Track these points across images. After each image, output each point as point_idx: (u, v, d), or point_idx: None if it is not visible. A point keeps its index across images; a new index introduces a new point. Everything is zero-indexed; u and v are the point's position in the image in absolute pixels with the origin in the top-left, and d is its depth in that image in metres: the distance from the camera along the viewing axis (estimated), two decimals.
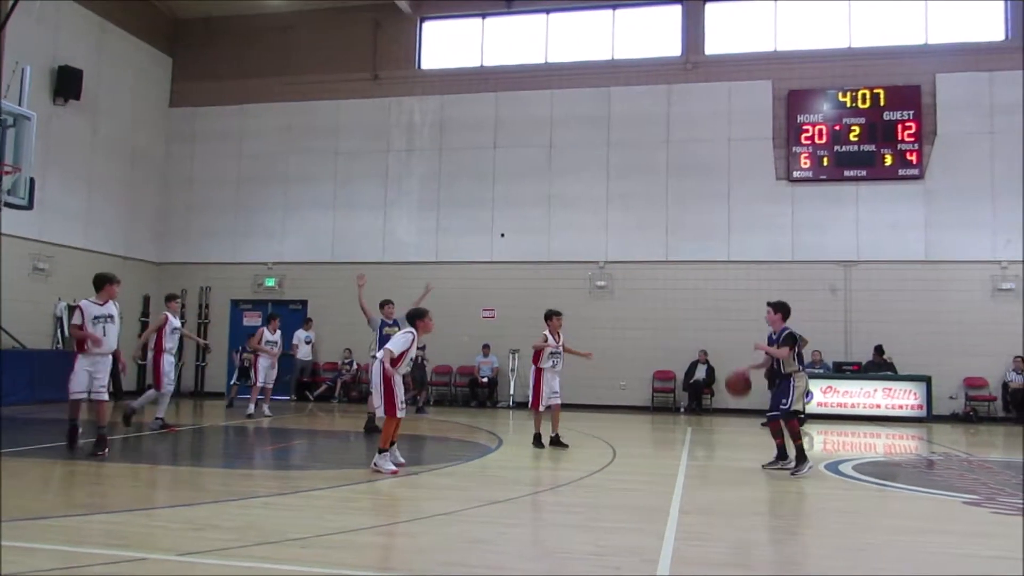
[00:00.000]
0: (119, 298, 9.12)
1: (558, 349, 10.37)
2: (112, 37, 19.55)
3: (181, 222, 21.22)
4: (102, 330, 8.80)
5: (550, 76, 19.77)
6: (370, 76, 20.62)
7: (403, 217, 20.09)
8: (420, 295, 11.61)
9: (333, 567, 4.51)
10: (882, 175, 17.94)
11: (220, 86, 21.29)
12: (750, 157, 18.54)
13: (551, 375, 10.35)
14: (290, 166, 20.81)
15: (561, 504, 6.89)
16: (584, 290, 18.96)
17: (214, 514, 5.92)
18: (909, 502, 7.28)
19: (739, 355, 16.99)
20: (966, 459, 10.52)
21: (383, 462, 7.80)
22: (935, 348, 17.19)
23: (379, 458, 7.83)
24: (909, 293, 17.57)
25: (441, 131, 20.15)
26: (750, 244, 18.35)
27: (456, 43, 20.61)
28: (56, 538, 5.04)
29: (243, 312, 20.74)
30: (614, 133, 19.26)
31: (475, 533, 5.60)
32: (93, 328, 8.74)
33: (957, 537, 5.76)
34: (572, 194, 19.22)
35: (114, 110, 19.61)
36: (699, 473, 8.94)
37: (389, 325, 11.32)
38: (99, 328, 8.79)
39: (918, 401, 16.52)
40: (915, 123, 17.87)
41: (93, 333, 8.69)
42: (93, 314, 8.80)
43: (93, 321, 8.76)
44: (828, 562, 5.17)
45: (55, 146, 17.39)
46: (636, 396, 18.42)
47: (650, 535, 5.42)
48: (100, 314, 8.86)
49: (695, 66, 19.14)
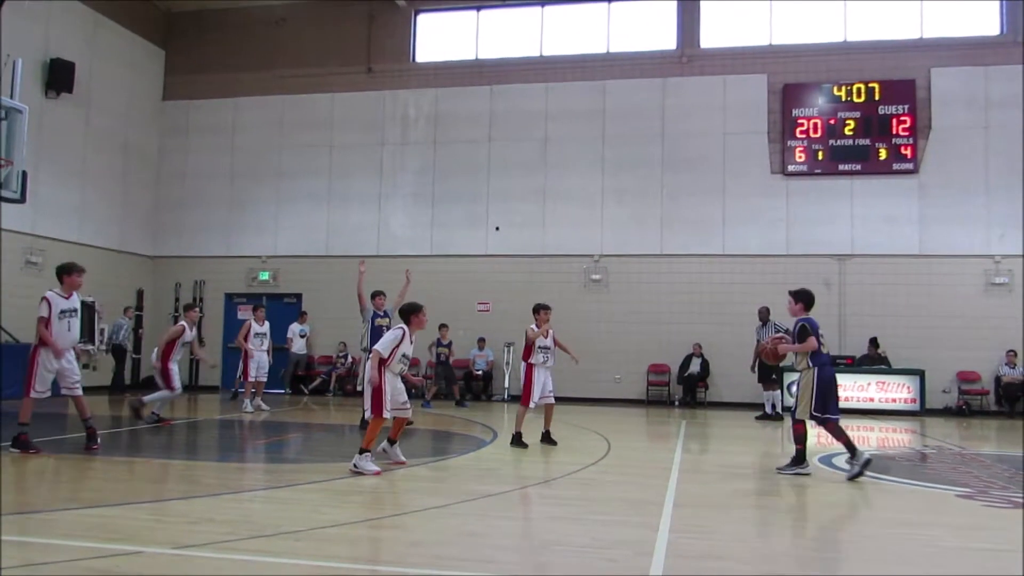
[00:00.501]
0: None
1: (548, 344, 9.98)
2: (104, 30, 19.44)
3: (174, 215, 21.15)
4: (67, 325, 8.42)
5: (545, 69, 19.74)
6: (364, 69, 20.56)
7: (397, 211, 20.07)
8: (401, 287, 11.28)
9: (327, 560, 4.51)
10: (877, 169, 17.97)
11: (213, 79, 21.20)
12: (745, 151, 18.56)
13: (543, 371, 9.92)
14: (284, 159, 20.75)
15: (556, 497, 6.90)
16: (579, 284, 18.97)
17: (208, 508, 5.92)
18: (902, 495, 7.31)
19: (733, 348, 17.21)
20: (959, 452, 10.57)
21: (363, 462, 7.40)
22: (928, 342, 17.25)
23: (359, 458, 7.42)
24: (903, 287, 17.62)
25: (436, 124, 20.11)
26: (745, 238, 18.37)
27: (451, 36, 20.55)
28: (50, 532, 5.04)
29: (237, 306, 20.70)
30: (609, 127, 19.24)
31: (469, 526, 5.60)
32: (59, 323, 8.34)
33: (950, 530, 5.78)
34: (567, 187, 19.22)
35: (107, 103, 19.51)
36: (693, 466, 8.96)
37: (380, 316, 11.27)
38: (65, 323, 8.40)
39: (911, 395, 16.59)
40: (910, 117, 17.90)
41: (56, 343, 8.24)
42: (60, 307, 8.37)
43: (60, 315, 8.34)
44: (821, 555, 5.19)
45: (47, 139, 17.31)
46: (631, 389, 18.45)
47: (645, 528, 5.43)
48: (67, 308, 8.44)
49: (690, 59, 19.12)
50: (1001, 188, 17.40)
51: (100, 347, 18.56)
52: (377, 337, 10.56)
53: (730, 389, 17.77)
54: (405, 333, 7.73)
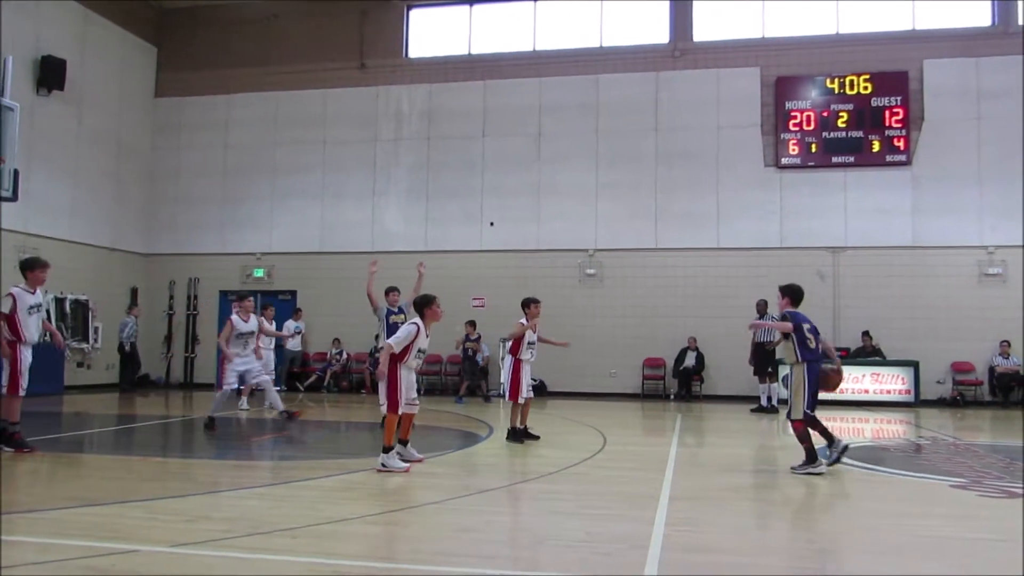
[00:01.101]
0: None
1: (534, 339, 10.00)
2: (96, 27, 19.34)
3: (168, 213, 21.08)
4: (35, 321, 8.31)
5: (538, 64, 19.71)
6: (357, 65, 20.50)
7: (391, 206, 20.04)
8: (416, 282, 10.99)
9: (323, 557, 4.51)
10: (870, 161, 17.99)
11: (206, 76, 21.11)
12: (738, 144, 18.56)
13: (527, 367, 9.96)
14: (277, 156, 20.69)
15: (551, 492, 6.91)
16: (574, 278, 18.97)
17: (205, 505, 5.92)
18: (897, 486, 7.35)
19: (728, 342, 17.23)
20: (953, 443, 10.62)
21: (391, 461, 7.31)
22: (923, 333, 17.30)
23: (385, 457, 7.33)
24: (897, 279, 17.67)
25: (429, 120, 20.07)
26: (739, 231, 18.39)
27: (444, 31, 20.49)
28: (44, 531, 5.03)
29: (232, 303, 20.62)
30: (602, 121, 19.23)
31: (465, 522, 5.62)
32: (28, 318, 8.23)
33: (944, 520, 5.81)
34: (561, 182, 19.21)
35: (99, 100, 19.42)
36: (689, 459, 8.98)
37: (395, 313, 11.13)
38: (34, 318, 8.29)
39: (906, 386, 16.65)
40: (902, 109, 17.92)
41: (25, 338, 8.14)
42: (28, 303, 8.24)
43: (28, 311, 8.23)
44: (816, 546, 5.22)
45: (39, 137, 17.22)
46: (626, 383, 18.47)
47: (640, 521, 5.45)
48: (34, 303, 8.32)
49: (683, 53, 19.11)
50: (994, 179, 17.44)
51: (94, 345, 18.55)
52: (391, 333, 10.48)
53: (725, 382, 17.81)
54: (420, 328, 7.56)
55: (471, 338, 17.34)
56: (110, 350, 18.89)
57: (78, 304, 18.18)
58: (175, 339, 20.80)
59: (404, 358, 7.49)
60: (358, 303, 18.52)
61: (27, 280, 8.44)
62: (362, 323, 18.77)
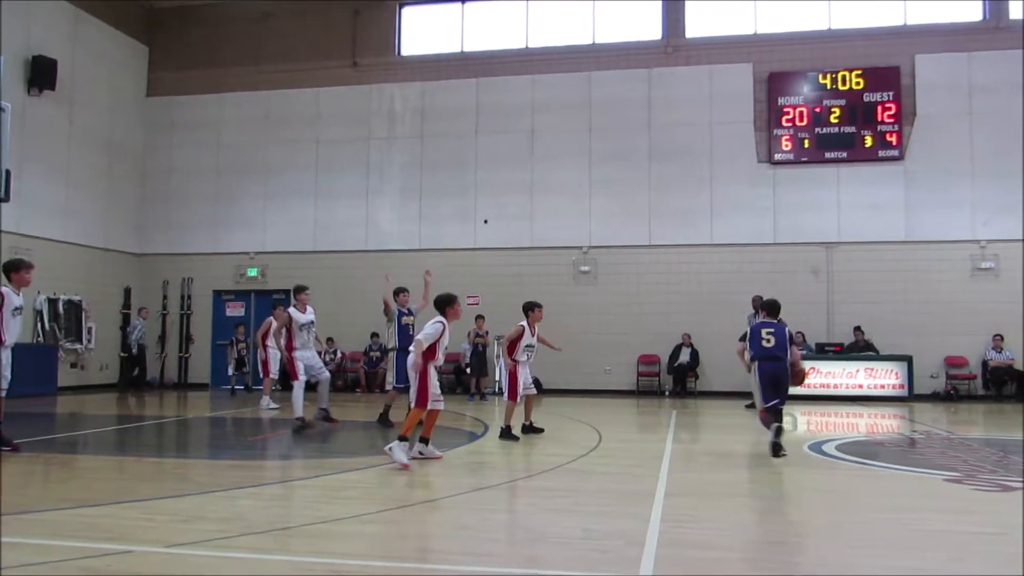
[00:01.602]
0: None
1: (533, 341, 10.09)
2: (87, 26, 19.25)
3: (161, 213, 21.01)
4: (19, 323, 8.28)
5: (531, 61, 19.69)
6: (349, 63, 20.46)
7: (385, 205, 20.01)
8: (424, 289, 10.89)
9: (319, 556, 4.51)
10: (862, 156, 18.04)
11: (198, 75, 21.04)
12: (731, 140, 18.58)
13: (525, 367, 10.07)
14: (270, 155, 20.64)
15: (547, 489, 6.91)
16: (568, 275, 18.98)
17: (200, 505, 5.91)
18: (891, 480, 7.36)
19: (723, 338, 17.21)
20: (947, 437, 10.65)
21: (399, 452, 7.36)
22: (916, 328, 17.35)
23: (397, 445, 7.40)
24: (890, 273, 17.71)
25: (422, 118, 20.05)
26: (732, 227, 18.41)
27: (436, 29, 20.47)
28: (40, 532, 5.00)
29: (226, 303, 20.65)
30: (595, 118, 19.24)
31: (461, 520, 5.62)
32: (11, 320, 8.17)
33: (938, 514, 5.83)
34: (554, 180, 19.20)
35: (90, 100, 19.34)
36: (684, 456, 9.00)
37: (406, 314, 11.22)
38: (16, 320, 8.25)
39: (899, 380, 16.71)
40: (895, 104, 17.97)
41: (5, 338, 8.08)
42: (14, 304, 8.19)
43: (12, 312, 8.18)
44: (811, 541, 5.23)
45: (31, 137, 17.13)
46: (621, 380, 18.49)
47: (636, 518, 5.46)
48: (18, 304, 8.27)
49: (676, 50, 19.12)
50: (986, 174, 17.50)
51: (88, 346, 18.49)
52: (404, 335, 10.70)
53: (720, 378, 17.83)
54: (445, 326, 7.77)
55: (480, 333, 17.40)
56: (104, 351, 18.84)
57: (71, 304, 18.12)
58: (169, 339, 20.74)
59: (433, 356, 7.68)
60: (352, 302, 18.66)
61: (12, 281, 8.39)
62: (356, 322, 18.80)
